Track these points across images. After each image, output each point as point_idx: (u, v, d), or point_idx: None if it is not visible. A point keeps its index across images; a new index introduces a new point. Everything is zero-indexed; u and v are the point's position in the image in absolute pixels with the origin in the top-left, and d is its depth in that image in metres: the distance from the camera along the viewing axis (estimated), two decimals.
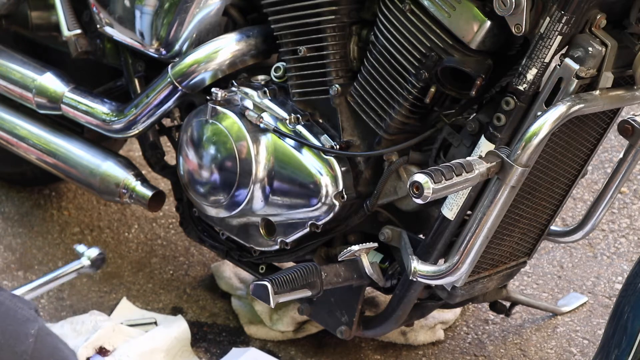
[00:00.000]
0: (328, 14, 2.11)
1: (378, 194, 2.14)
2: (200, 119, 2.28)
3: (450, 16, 1.95)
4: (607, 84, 1.91)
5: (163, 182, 2.93)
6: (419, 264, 2.00)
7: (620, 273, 2.81)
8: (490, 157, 1.86)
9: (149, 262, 2.80)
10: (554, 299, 2.71)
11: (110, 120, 2.47)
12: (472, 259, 1.97)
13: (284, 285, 2.02)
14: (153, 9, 2.35)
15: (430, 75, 1.99)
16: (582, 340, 2.57)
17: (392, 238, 2.15)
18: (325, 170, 2.15)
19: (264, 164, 2.21)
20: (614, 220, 3.01)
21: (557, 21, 1.85)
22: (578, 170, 2.14)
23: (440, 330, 2.55)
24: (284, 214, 2.23)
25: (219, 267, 2.70)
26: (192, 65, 2.31)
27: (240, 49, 2.31)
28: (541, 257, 2.85)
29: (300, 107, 2.22)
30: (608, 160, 3.28)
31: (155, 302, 2.66)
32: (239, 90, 2.25)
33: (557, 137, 1.97)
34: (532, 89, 1.90)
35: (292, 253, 2.29)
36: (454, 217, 2.02)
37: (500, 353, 2.53)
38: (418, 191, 1.76)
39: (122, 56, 2.51)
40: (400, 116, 2.07)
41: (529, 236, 2.18)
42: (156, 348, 2.38)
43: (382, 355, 2.51)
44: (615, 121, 2.10)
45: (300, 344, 2.53)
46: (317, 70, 2.16)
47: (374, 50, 2.08)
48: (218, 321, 2.60)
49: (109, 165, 2.51)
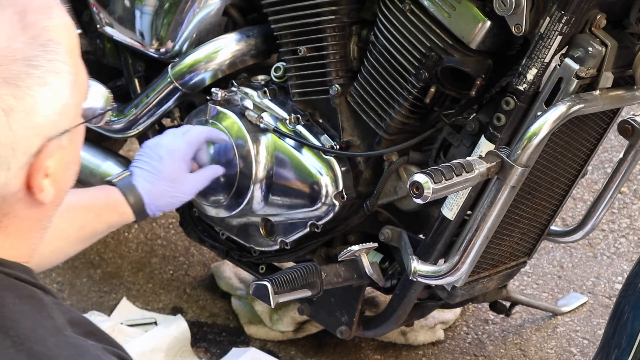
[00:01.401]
0: (328, 14, 2.11)
1: (378, 194, 2.14)
2: (200, 119, 2.28)
3: (450, 16, 1.95)
4: (607, 84, 1.91)
5: None
6: (419, 264, 2.00)
7: (620, 273, 2.81)
8: (490, 157, 1.86)
9: (149, 262, 2.80)
10: (554, 299, 2.71)
11: (110, 120, 2.47)
12: (472, 259, 1.97)
13: (284, 285, 2.02)
14: (153, 9, 2.35)
15: (430, 75, 1.99)
16: (582, 340, 2.57)
17: (392, 238, 2.15)
18: (325, 170, 2.15)
19: (264, 164, 2.21)
20: (614, 220, 3.01)
21: (557, 21, 1.85)
22: (578, 170, 2.14)
23: (440, 330, 2.55)
24: (283, 214, 2.23)
25: (219, 267, 2.70)
26: (192, 65, 2.31)
27: (240, 49, 2.31)
28: (541, 257, 2.85)
29: (300, 107, 2.22)
30: (608, 160, 3.27)
31: (155, 302, 2.66)
32: (239, 90, 2.25)
33: (557, 137, 1.97)
34: (532, 89, 1.90)
35: (292, 253, 2.29)
36: (454, 217, 2.02)
37: (500, 353, 2.53)
38: (418, 191, 1.76)
39: (122, 56, 2.51)
40: (400, 116, 2.07)
41: (529, 236, 2.18)
42: (156, 348, 2.38)
43: (382, 355, 2.51)
44: (615, 121, 2.10)
45: (300, 344, 2.53)
46: (317, 70, 2.16)
47: (374, 50, 2.08)
48: (218, 321, 2.60)
49: (109, 165, 2.51)
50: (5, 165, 1.11)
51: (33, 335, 1.12)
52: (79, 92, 1.17)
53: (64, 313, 1.17)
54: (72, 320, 1.17)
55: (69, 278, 2.72)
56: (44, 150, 1.13)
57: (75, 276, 2.72)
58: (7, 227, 1.17)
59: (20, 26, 1.12)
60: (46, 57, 1.12)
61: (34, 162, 1.13)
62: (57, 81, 1.13)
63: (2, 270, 1.16)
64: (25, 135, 1.11)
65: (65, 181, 1.20)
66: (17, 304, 1.14)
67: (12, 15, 1.12)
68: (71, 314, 1.18)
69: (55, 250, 1.85)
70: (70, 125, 1.16)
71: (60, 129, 1.14)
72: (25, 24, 1.12)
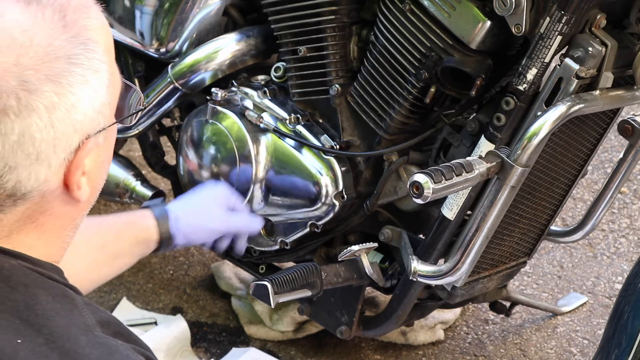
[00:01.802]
0: (328, 14, 2.11)
1: (378, 194, 2.14)
2: (200, 119, 2.28)
3: (450, 16, 1.95)
4: (607, 84, 1.91)
5: (163, 182, 2.93)
6: (419, 264, 2.00)
7: (620, 273, 2.80)
8: (490, 157, 1.86)
9: (149, 262, 2.80)
10: (554, 299, 2.71)
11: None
12: (472, 259, 1.97)
13: (284, 285, 2.02)
14: (153, 9, 2.35)
15: (430, 75, 1.99)
16: (582, 340, 2.57)
17: (392, 238, 2.15)
18: (325, 170, 2.15)
19: (264, 164, 2.21)
20: (614, 220, 3.01)
21: (557, 21, 1.85)
22: (578, 170, 2.14)
23: (440, 330, 2.55)
24: (284, 214, 2.23)
25: (219, 267, 2.70)
26: (192, 65, 2.31)
27: (240, 49, 2.31)
28: (541, 257, 2.85)
29: (300, 107, 2.22)
30: (608, 160, 3.27)
31: (155, 302, 2.66)
32: (239, 90, 2.25)
33: (557, 137, 1.97)
34: (532, 89, 1.90)
35: (292, 253, 2.29)
36: (454, 217, 2.02)
37: (500, 353, 2.53)
38: (418, 191, 1.76)
39: (122, 56, 2.51)
40: (400, 116, 2.07)
41: (529, 236, 2.18)
42: (156, 348, 2.38)
43: (382, 355, 2.51)
44: (615, 121, 2.10)
45: (300, 344, 2.53)
46: (317, 70, 2.16)
47: (374, 50, 2.08)
48: (218, 321, 2.60)
49: None
50: (46, 162, 1.12)
51: (65, 333, 1.13)
52: (114, 91, 1.19)
53: (94, 313, 1.18)
54: (102, 320, 1.18)
55: None
56: (83, 147, 1.15)
57: None
58: (42, 225, 1.18)
59: (61, 24, 1.13)
60: (86, 55, 1.14)
61: (73, 160, 1.15)
62: (96, 79, 1.15)
63: (35, 269, 1.17)
64: (65, 132, 1.13)
65: (99, 180, 1.22)
66: (51, 302, 1.15)
67: (52, 14, 1.13)
68: (101, 314, 1.19)
69: (76, 274, 1.83)
70: (106, 123, 1.18)
71: (98, 126, 1.16)
72: (65, 23, 1.14)
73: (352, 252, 2.06)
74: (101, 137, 1.17)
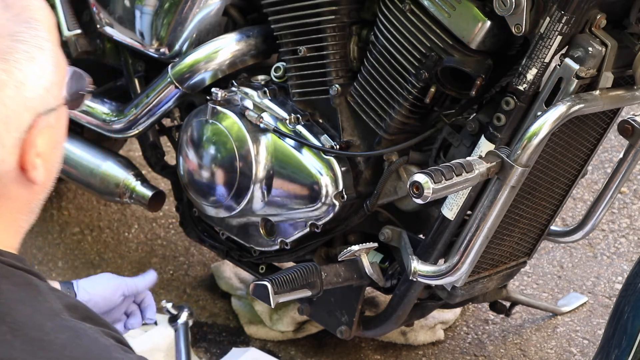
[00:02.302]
0: (328, 14, 2.11)
1: (378, 194, 2.14)
2: (200, 119, 2.28)
3: (450, 16, 1.95)
4: (607, 84, 1.91)
5: (163, 182, 2.93)
6: (419, 264, 2.00)
7: (620, 273, 2.80)
8: (490, 157, 1.86)
9: (149, 262, 2.80)
10: (554, 299, 2.71)
11: (110, 120, 2.47)
12: (472, 259, 1.97)
13: (284, 285, 2.02)
14: (153, 9, 2.35)
15: (430, 75, 1.99)
16: (582, 340, 2.57)
17: (392, 238, 2.15)
18: (325, 170, 2.15)
19: (264, 164, 2.21)
20: (614, 220, 3.01)
21: (557, 21, 1.85)
22: (578, 170, 2.14)
23: (440, 330, 2.55)
24: (284, 214, 2.23)
25: (219, 267, 2.70)
26: (192, 65, 2.31)
27: (240, 49, 2.31)
28: (541, 257, 2.85)
29: (300, 107, 2.21)
30: (608, 160, 3.27)
31: (155, 302, 2.65)
32: (239, 90, 2.25)
33: (557, 137, 1.97)
34: (532, 89, 1.90)
35: (292, 253, 2.29)
36: (454, 217, 2.02)
37: (500, 353, 2.53)
38: (418, 191, 1.76)
39: (122, 56, 2.51)
40: (400, 116, 2.07)
41: (529, 236, 2.18)
42: (156, 348, 2.38)
43: (382, 355, 2.51)
44: (615, 121, 2.10)
45: (300, 344, 2.53)
46: (317, 70, 2.16)
47: (374, 50, 2.08)
48: (218, 321, 2.60)
49: (109, 165, 2.51)
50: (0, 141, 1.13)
51: (30, 321, 1.13)
52: (61, 71, 1.20)
53: (60, 298, 1.18)
54: (69, 305, 1.18)
55: (69, 278, 2.71)
56: (35, 126, 1.16)
57: (76, 276, 2.72)
58: None
59: (2, 5, 1.15)
60: (30, 33, 1.15)
61: (26, 139, 1.15)
62: (42, 57, 1.16)
63: None
64: (16, 110, 1.14)
65: (53, 162, 1.22)
66: (14, 290, 1.15)
67: None
68: (67, 299, 1.20)
69: None
70: (56, 103, 1.18)
71: (48, 105, 1.17)
72: (6, 4, 1.15)
73: (352, 252, 2.06)
74: (52, 117, 1.18)
